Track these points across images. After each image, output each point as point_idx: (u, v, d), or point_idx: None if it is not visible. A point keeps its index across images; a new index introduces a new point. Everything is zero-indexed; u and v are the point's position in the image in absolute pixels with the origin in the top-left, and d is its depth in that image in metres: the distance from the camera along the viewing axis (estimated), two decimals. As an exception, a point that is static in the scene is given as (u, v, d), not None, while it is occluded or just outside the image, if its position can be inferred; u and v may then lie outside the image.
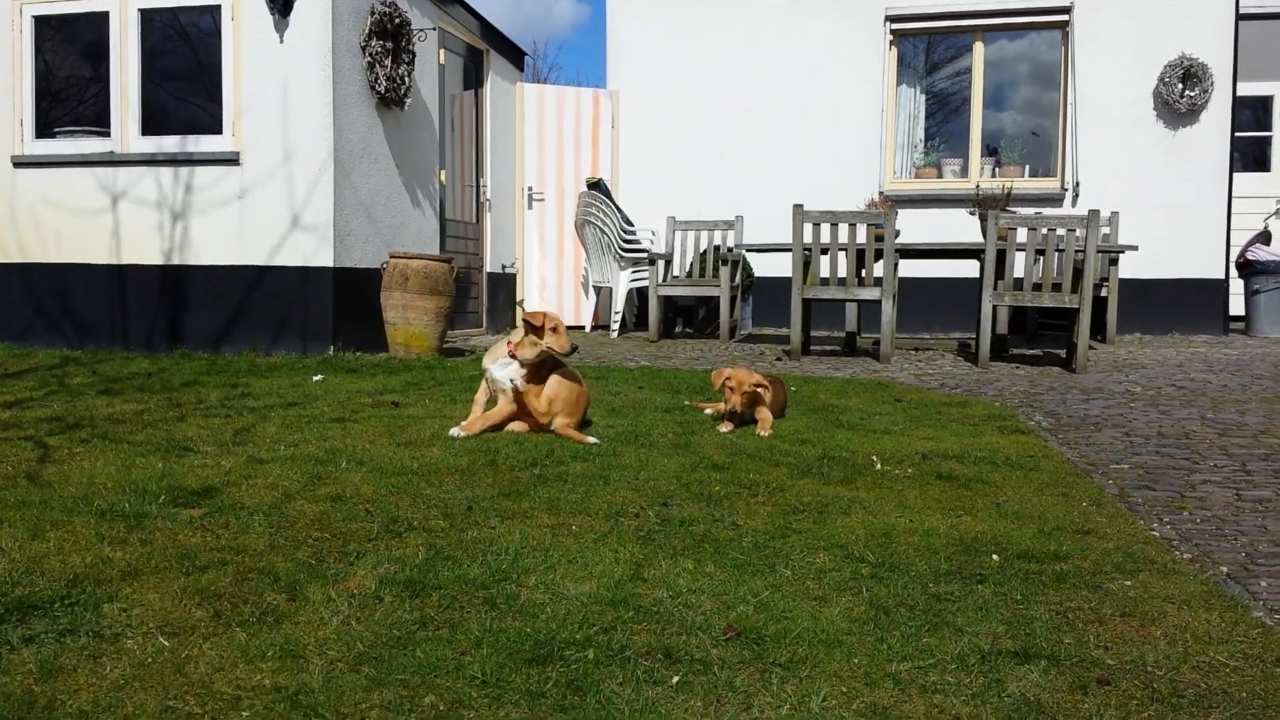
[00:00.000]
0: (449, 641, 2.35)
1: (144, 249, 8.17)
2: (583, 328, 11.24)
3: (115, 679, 2.12)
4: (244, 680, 2.13)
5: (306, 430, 4.60)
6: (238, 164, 8.08)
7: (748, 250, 9.47)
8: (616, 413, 5.27)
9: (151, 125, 8.41)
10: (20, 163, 8.53)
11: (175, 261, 8.11)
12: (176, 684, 2.11)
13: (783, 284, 8.69)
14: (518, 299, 11.39)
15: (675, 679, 2.20)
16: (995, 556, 3.05)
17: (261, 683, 2.13)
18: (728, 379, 4.98)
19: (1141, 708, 2.15)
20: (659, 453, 4.32)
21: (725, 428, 4.91)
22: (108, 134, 8.45)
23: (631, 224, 10.67)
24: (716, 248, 10.05)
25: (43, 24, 8.66)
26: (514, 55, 11.85)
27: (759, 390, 4.98)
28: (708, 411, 5.30)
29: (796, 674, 2.24)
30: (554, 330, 4.62)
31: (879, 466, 4.19)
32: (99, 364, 6.92)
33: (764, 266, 10.81)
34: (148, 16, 8.44)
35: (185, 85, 8.66)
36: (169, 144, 8.27)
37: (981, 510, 3.58)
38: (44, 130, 8.65)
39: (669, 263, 10.09)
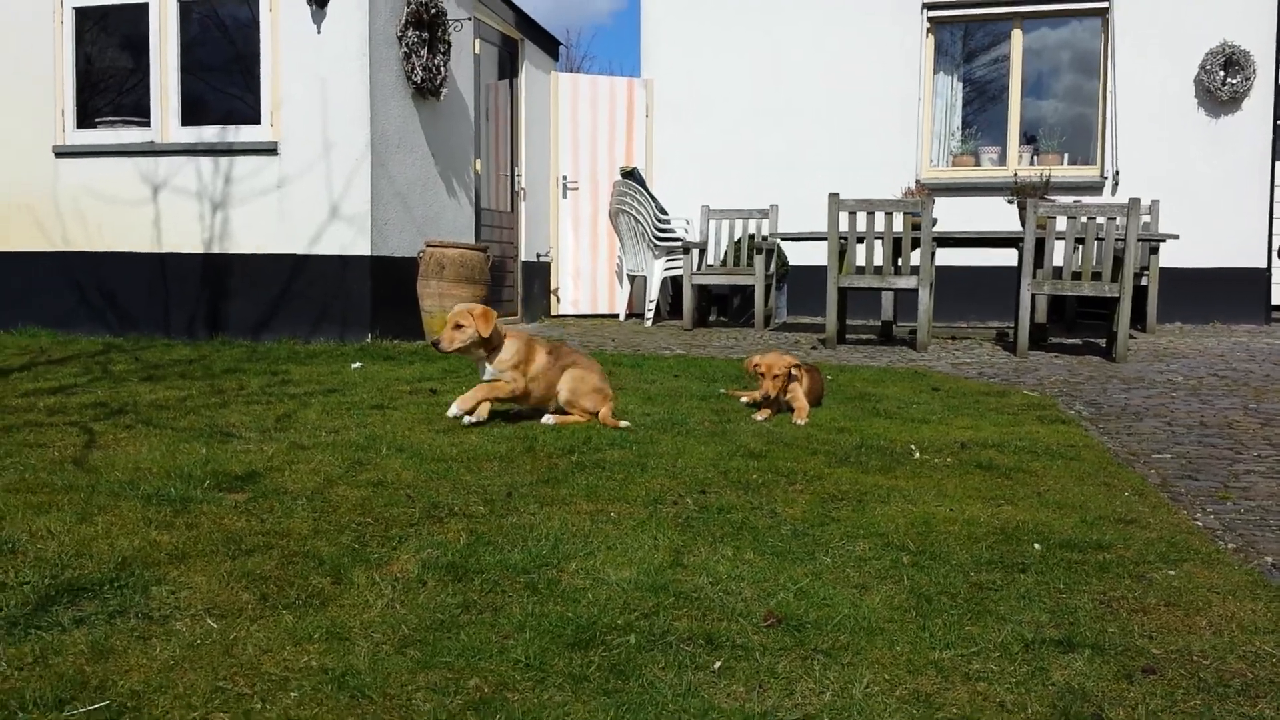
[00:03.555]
0: (492, 625, 2.37)
1: (185, 238, 8.26)
2: (617, 316, 11.25)
3: (165, 660, 2.15)
4: (291, 661, 2.16)
5: (347, 417, 4.64)
6: (276, 154, 8.15)
7: (782, 239, 9.44)
8: (652, 401, 5.27)
9: (191, 116, 8.49)
10: (62, 153, 8.64)
11: (216, 250, 8.20)
12: (225, 665, 2.14)
13: (818, 273, 8.65)
14: (552, 287, 11.42)
15: (717, 664, 2.21)
16: (1037, 545, 3.03)
17: (309, 664, 2.15)
18: (758, 364, 4.97)
19: (1187, 697, 2.13)
20: (696, 440, 4.32)
21: (761, 415, 4.90)
22: (148, 124, 8.54)
23: (666, 213, 10.66)
24: (751, 236, 10.02)
25: (83, 15, 8.75)
26: (549, 45, 11.86)
27: (793, 371, 4.96)
28: (743, 399, 5.29)
29: (838, 661, 2.24)
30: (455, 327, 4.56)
31: (917, 455, 4.17)
32: (141, 351, 7.02)
33: (799, 255, 10.77)
34: (186, 7, 8.52)
35: (224, 76, 8.73)
36: (208, 134, 8.35)
37: (1022, 499, 3.56)
38: (85, 120, 8.75)
39: (703, 251, 10.07)
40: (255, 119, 8.29)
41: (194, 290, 8.24)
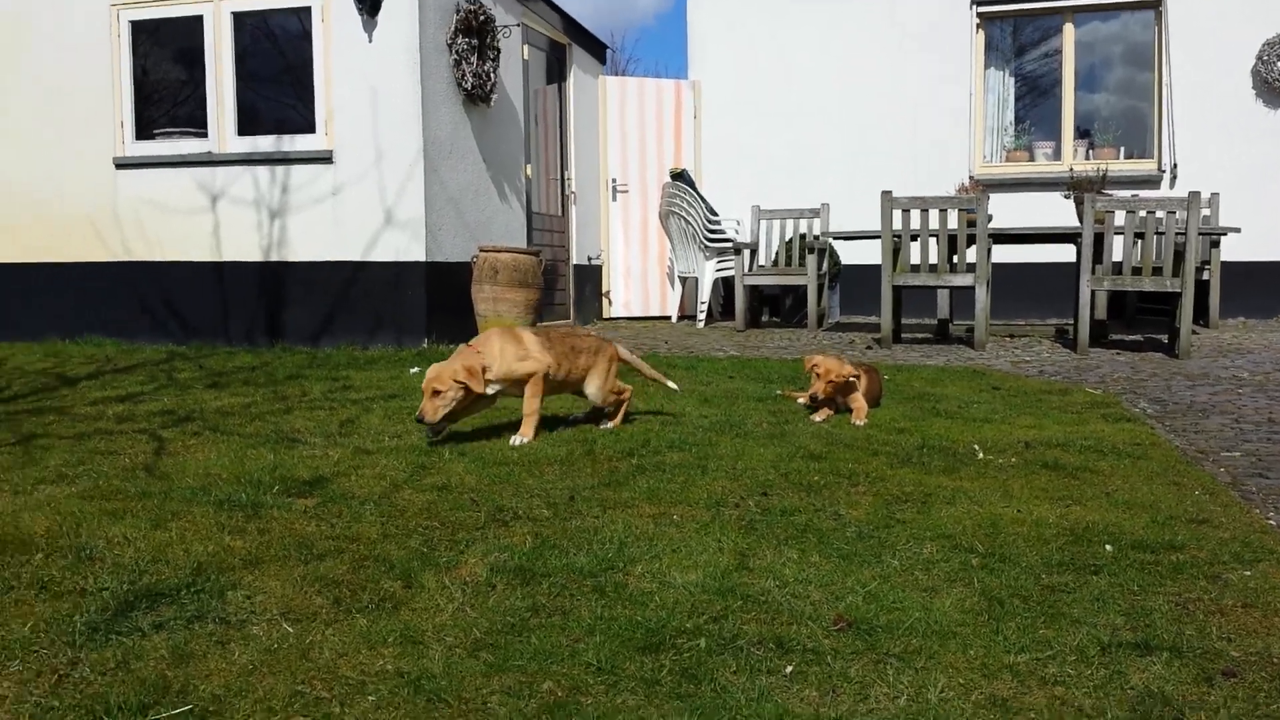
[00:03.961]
0: (562, 629, 2.38)
1: (243, 246, 8.40)
2: (669, 318, 11.25)
3: (244, 664, 2.19)
4: (367, 665, 2.19)
5: (408, 422, 4.69)
6: (331, 162, 8.25)
7: (834, 238, 9.38)
8: (709, 402, 5.27)
9: (247, 125, 8.62)
10: (122, 164, 8.80)
11: (274, 258, 8.32)
12: (303, 669, 2.17)
13: (870, 271, 8.60)
14: (604, 290, 11.45)
15: (789, 668, 2.20)
16: (1108, 546, 2.99)
17: (384, 668, 2.18)
18: (815, 365, 4.95)
19: (1270, 699, 2.09)
20: (755, 442, 4.31)
21: (819, 416, 4.88)
22: (205, 135, 8.68)
23: (716, 213, 10.64)
24: (802, 236, 9.97)
25: (139, 29, 8.89)
26: (596, 49, 11.90)
27: (850, 380, 4.94)
28: (800, 400, 5.26)
29: (911, 665, 2.22)
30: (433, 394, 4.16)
31: (981, 455, 4.13)
32: (204, 358, 7.15)
33: (851, 254, 10.70)
34: (240, 19, 8.64)
35: (278, 86, 8.86)
36: (264, 144, 8.48)
37: (1091, 500, 3.50)
38: (143, 132, 8.90)
39: (754, 252, 10.04)
40: (310, 128, 8.40)
41: (253, 298, 8.37)
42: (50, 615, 2.40)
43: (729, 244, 10.18)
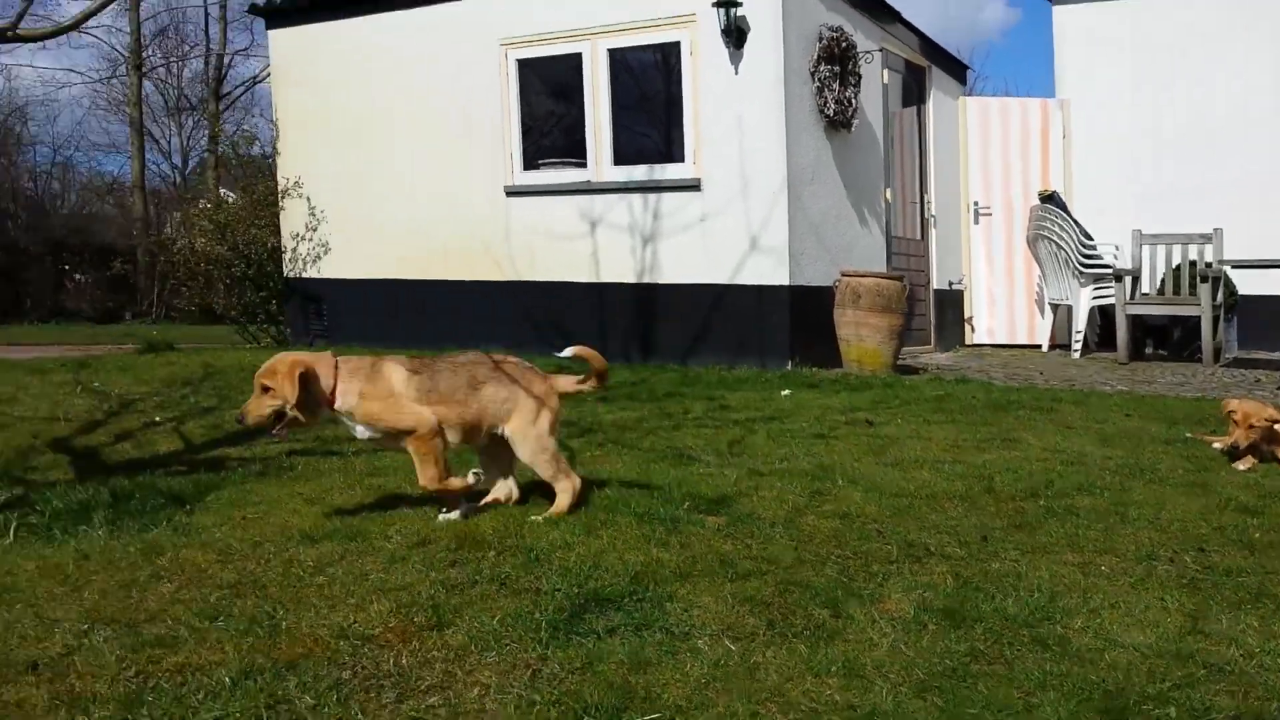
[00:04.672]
0: (1008, 679, 2.29)
1: (618, 269, 8.87)
2: (1039, 347, 10.66)
3: (697, 677, 2.28)
4: (814, 693, 2.21)
5: (793, 444, 4.74)
6: (699, 190, 8.54)
7: (1232, 266, 8.52)
8: (1109, 442, 4.92)
9: (621, 156, 9.10)
10: (511, 192, 9.55)
11: (646, 280, 8.73)
12: (754, 689, 2.22)
13: (1272, 303, 7.70)
14: (966, 316, 11.06)
15: (1283, 752, 1.99)
16: None
17: (832, 698, 2.19)
18: (1234, 410, 4.50)
19: None
20: (1172, 489, 3.97)
21: (1243, 465, 4.42)
22: (584, 164, 9.24)
23: (1091, 238, 9.98)
24: (1192, 263, 9.12)
25: (524, 66, 9.60)
26: (955, 70, 11.57)
27: (1276, 426, 4.44)
28: (1215, 445, 4.79)
29: None
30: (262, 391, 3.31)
31: None
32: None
33: (1250, 284, 9.66)
34: (615, 55, 9.13)
35: (649, 117, 9.30)
36: (638, 173, 8.92)
37: None
38: (528, 163, 9.61)
39: (1136, 279, 9.31)
40: (679, 157, 8.74)
41: (628, 317, 8.82)
42: (514, 610, 2.62)
43: (1107, 270, 9.51)
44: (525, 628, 2.52)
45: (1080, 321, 9.76)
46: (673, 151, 8.81)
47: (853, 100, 8.80)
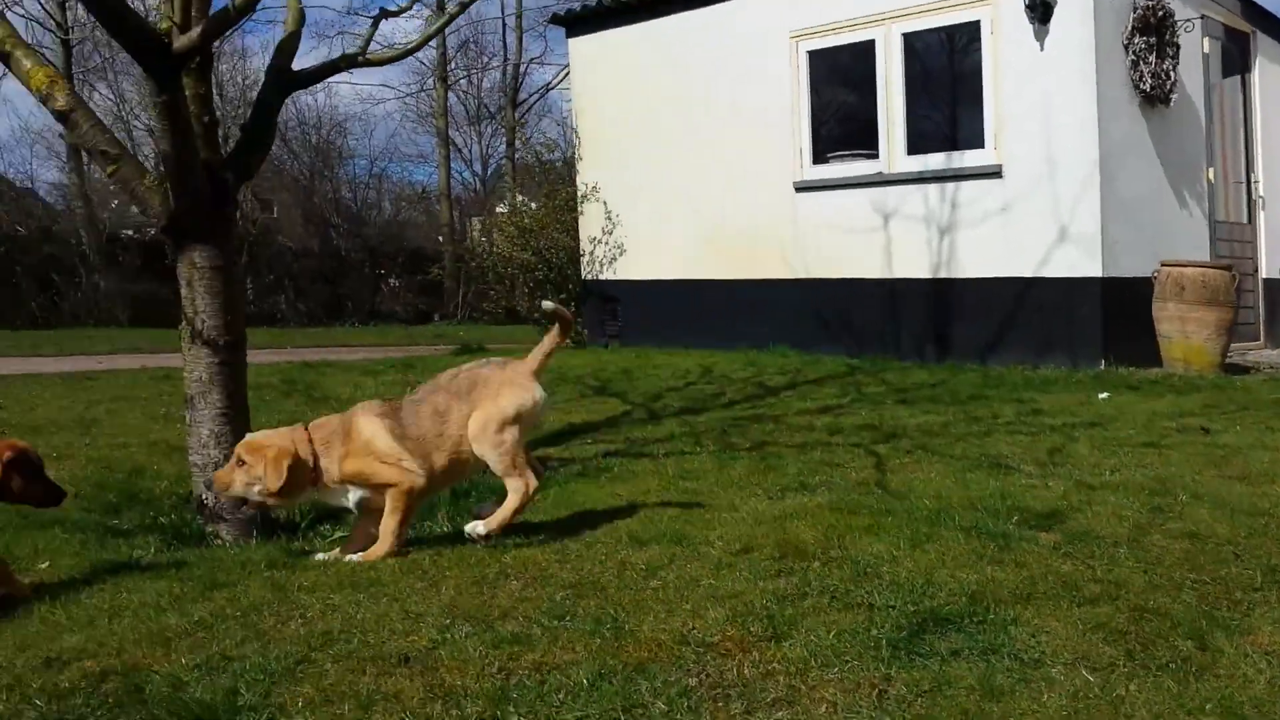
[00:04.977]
0: None
1: (912, 263, 8.64)
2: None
3: (1055, 709, 2.17)
4: (1190, 734, 2.06)
5: (1121, 454, 4.44)
6: (1000, 177, 8.17)
7: None
8: None
9: (915, 144, 8.84)
10: (801, 187, 9.50)
11: (942, 275, 8.45)
12: (1120, 726, 2.10)
13: None
14: (1307, 307, 9.99)
15: None
16: None
17: (1212, 742, 2.03)
18: None
19: None
20: None
21: None
22: (875, 155, 9.05)
23: None
24: None
25: (815, 57, 9.49)
26: (1287, 32, 10.43)
27: None
28: None
29: None
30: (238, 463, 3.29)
31: None
32: (880, 372, 7.48)
33: None
34: (909, 39, 8.87)
35: (944, 102, 8.99)
36: (933, 161, 8.64)
37: None
38: (818, 156, 9.51)
39: None
40: (978, 143, 8.39)
41: (921, 314, 8.58)
42: (850, 626, 2.60)
43: None
44: (864, 644, 2.49)
45: None
46: (971, 138, 8.48)
47: (1170, 73, 8.15)
